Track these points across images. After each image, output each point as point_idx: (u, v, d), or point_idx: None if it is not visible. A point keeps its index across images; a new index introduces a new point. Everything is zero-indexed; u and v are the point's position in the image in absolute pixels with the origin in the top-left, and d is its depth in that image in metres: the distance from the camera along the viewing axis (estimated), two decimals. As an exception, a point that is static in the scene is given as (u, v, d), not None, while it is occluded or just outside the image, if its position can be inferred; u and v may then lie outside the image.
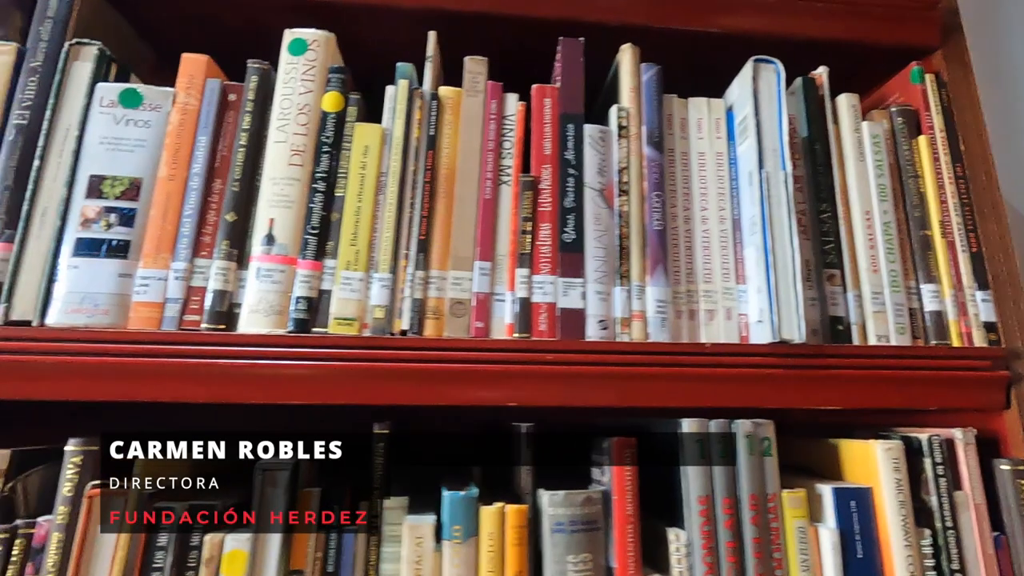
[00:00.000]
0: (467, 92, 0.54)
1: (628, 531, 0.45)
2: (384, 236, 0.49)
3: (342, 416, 0.57)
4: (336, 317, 0.47)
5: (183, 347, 0.45)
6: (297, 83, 0.51)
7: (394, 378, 0.47)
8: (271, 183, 0.49)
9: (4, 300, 0.44)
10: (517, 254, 0.50)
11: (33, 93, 0.48)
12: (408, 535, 0.43)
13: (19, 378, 0.43)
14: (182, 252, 0.47)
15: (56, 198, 0.46)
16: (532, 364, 0.48)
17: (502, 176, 0.52)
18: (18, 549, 0.41)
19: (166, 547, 0.42)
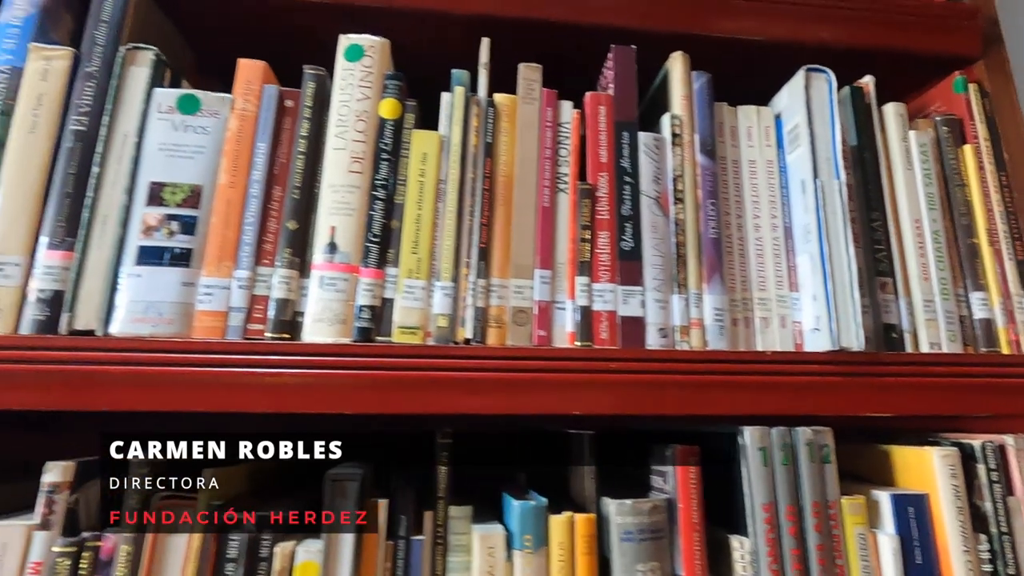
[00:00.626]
0: (523, 99, 0.53)
1: (695, 539, 0.45)
2: (445, 244, 0.49)
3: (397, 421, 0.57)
4: (400, 326, 0.47)
5: (249, 357, 0.44)
6: (354, 89, 0.51)
7: (459, 387, 0.46)
8: (331, 190, 0.48)
9: (67, 309, 0.43)
10: (577, 262, 0.50)
11: (90, 99, 0.47)
12: (480, 545, 0.43)
13: (83, 388, 0.43)
14: (244, 260, 0.46)
15: (116, 205, 0.46)
16: (595, 372, 0.48)
17: (559, 184, 0.52)
18: (86, 563, 0.41)
19: (236, 559, 0.42)
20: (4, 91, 0.46)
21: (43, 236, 0.44)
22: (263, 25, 0.59)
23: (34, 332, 0.43)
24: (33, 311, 0.43)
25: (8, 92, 0.46)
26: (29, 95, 0.46)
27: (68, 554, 0.41)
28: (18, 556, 0.40)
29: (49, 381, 0.43)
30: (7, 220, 0.44)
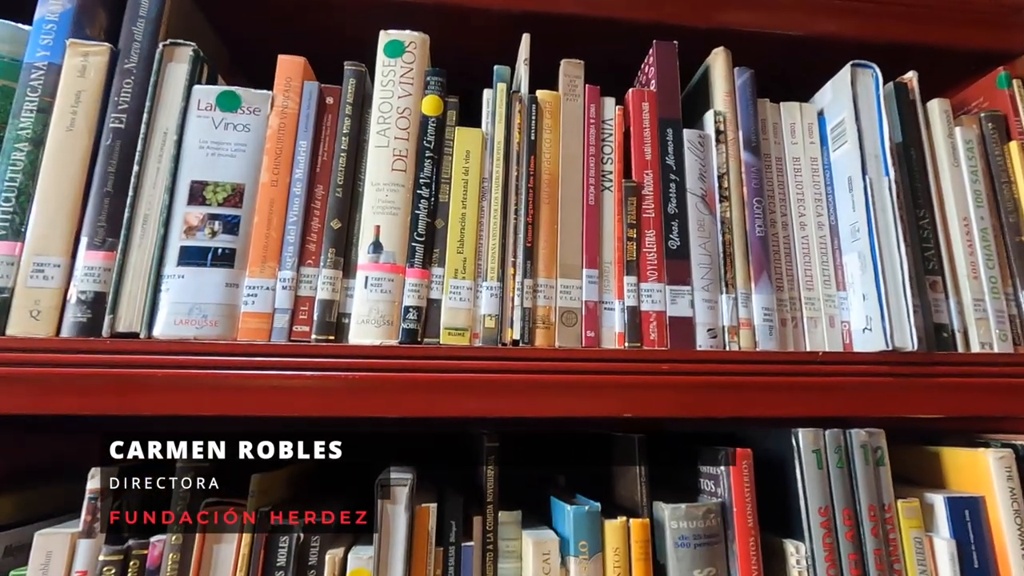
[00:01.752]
0: (565, 96, 0.52)
1: (750, 543, 0.44)
2: (491, 243, 0.48)
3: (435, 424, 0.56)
4: (447, 327, 0.46)
5: (295, 359, 0.43)
6: (395, 86, 0.50)
7: (508, 390, 0.45)
8: (375, 189, 0.47)
9: (109, 311, 0.42)
10: (624, 261, 0.49)
11: (129, 95, 0.46)
12: (535, 552, 0.42)
13: (127, 392, 0.42)
14: (288, 261, 0.45)
15: (157, 205, 0.45)
16: (646, 375, 0.47)
17: (604, 182, 0.51)
18: (132, 572, 0.40)
19: (285, 566, 0.41)
20: (41, 88, 0.45)
21: (83, 236, 0.43)
22: (297, 21, 0.57)
23: (76, 334, 0.42)
24: (74, 313, 0.42)
25: (45, 89, 0.45)
26: (67, 92, 0.45)
27: (114, 562, 0.40)
28: (63, 564, 0.39)
29: (92, 385, 0.41)
30: (46, 220, 0.43)
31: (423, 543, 0.42)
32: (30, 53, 0.46)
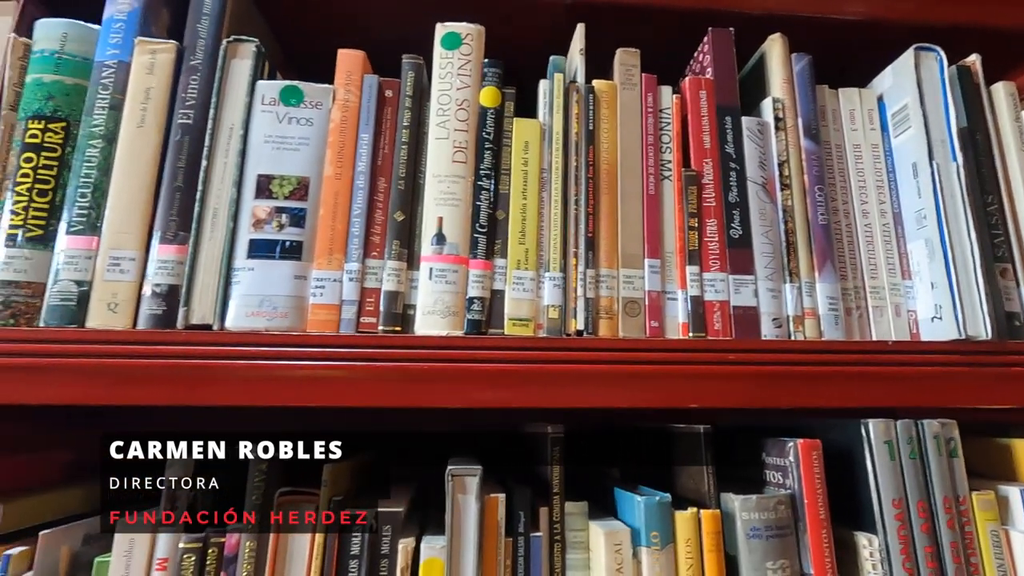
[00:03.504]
0: (622, 85, 0.52)
1: (823, 535, 0.44)
2: (552, 234, 0.48)
3: (504, 416, 0.56)
4: (511, 318, 0.46)
5: (363, 350, 0.43)
6: (454, 78, 0.50)
7: (574, 380, 0.45)
8: (436, 181, 0.48)
9: (183, 303, 0.43)
10: (685, 251, 0.49)
11: (195, 92, 0.47)
12: (606, 542, 0.42)
13: (201, 383, 0.42)
14: (354, 253, 0.46)
15: (225, 199, 0.45)
16: (711, 364, 0.46)
17: (663, 171, 0.51)
18: (211, 559, 0.40)
19: (359, 555, 0.41)
20: (112, 85, 0.46)
21: (156, 230, 0.44)
22: (349, 15, 0.58)
23: (151, 327, 0.43)
24: (150, 305, 0.43)
25: (116, 87, 0.46)
26: (137, 89, 0.46)
27: (194, 550, 0.40)
28: (145, 552, 0.40)
29: (167, 376, 0.42)
30: (121, 215, 0.44)
31: (493, 533, 0.42)
32: (100, 52, 0.47)
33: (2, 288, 0.42)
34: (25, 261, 0.42)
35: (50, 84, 0.45)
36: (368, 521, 0.41)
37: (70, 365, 0.41)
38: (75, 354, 0.41)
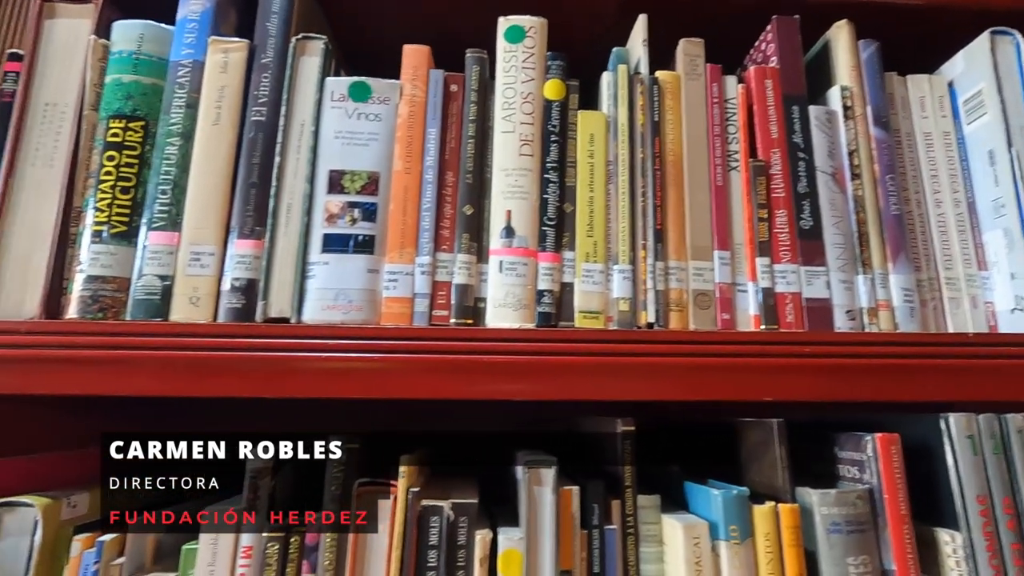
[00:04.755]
0: (686, 75, 0.52)
1: (904, 531, 0.43)
2: (620, 226, 0.48)
3: (575, 410, 0.56)
4: (581, 310, 0.46)
5: (437, 343, 0.44)
6: (518, 71, 0.50)
7: (645, 373, 0.45)
8: (503, 174, 0.48)
9: (261, 297, 0.44)
10: (755, 242, 0.48)
11: (267, 89, 0.47)
12: (684, 536, 0.41)
13: (280, 376, 0.43)
14: (424, 246, 0.46)
15: (299, 194, 0.46)
16: (784, 357, 0.46)
17: (730, 162, 0.50)
18: (294, 548, 0.41)
19: (437, 545, 0.41)
20: (188, 84, 0.47)
21: (233, 226, 0.45)
22: (407, 10, 0.58)
23: (231, 320, 0.43)
24: (229, 299, 0.44)
25: (192, 85, 0.47)
26: (211, 87, 0.47)
27: (277, 539, 0.41)
28: (230, 540, 0.41)
29: (246, 369, 0.43)
30: (199, 211, 0.45)
31: (568, 525, 0.42)
32: (175, 52, 0.48)
33: (90, 283, 0.43)
34: (111, 257, 0.44)
35: (129, 84, 0.46)
36: (445, 512, 0.42)
37: (154, 358, 0.43)
38: (159, 347, 0.43)
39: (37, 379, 0.42)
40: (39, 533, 0.40)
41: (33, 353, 0.42)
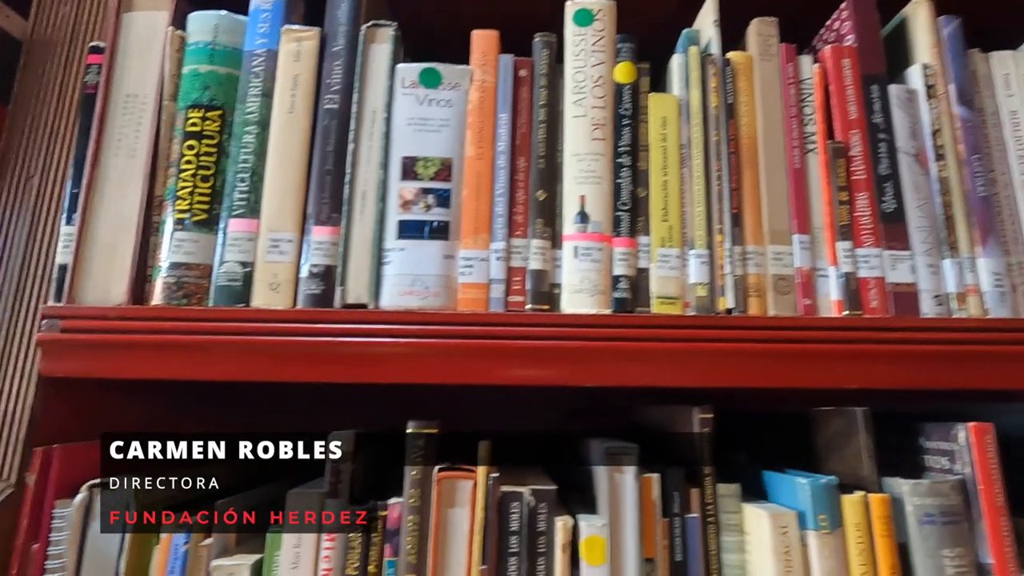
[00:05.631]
0: (760, 56, 0.50)
1: (1001, 524, 0.41)
2: (695, 211, 0.47)
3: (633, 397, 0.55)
4: (658, 296, 0.45)
5: (514, 328, 0.44)
6: (588, 55, 0.49)
7: (725, 359, 0.44)
8: (576, 159, 0.47)
9: (339, 283, 0.44)
10: (836, 226, 0.47)
11: (339, 77, 0.48)
12: (772, 525, 0.40)
13: (358, 362, 0.43)
14: (498, 232, 0.46)
15: (373, 181, 0.46)
16: (868, 344, 0.44)
17: (807, 144, 0.49)
18: (377, 531, 0.41)
19: (518, 531, 0.41)
20: (263, 73, 0.47)
21: (309, 212, 0.45)
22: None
23: (310, 306, 0.44)
24: (307, 286, 0.44)
25: (266, 74, 0.47)
26: (285, 76, 0.47)
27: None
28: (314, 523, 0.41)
29: (327, 354, 0.43)
30: (277, 198, 0.45)
31: (650, 513, 0.42)
32: (249, 41, 0.48)
33: (174, 269, 0.44)
34: (193, 244, 0.44)
35: (206, 74, 0.47)
36: (526, 498, 0.41)
37: (236, 343, 0.43)
38: (241, 332, 0.43)
39: (125, 364, 0.43)
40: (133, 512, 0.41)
41: (122, 339, 0.43)
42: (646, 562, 0.41)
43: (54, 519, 0.41)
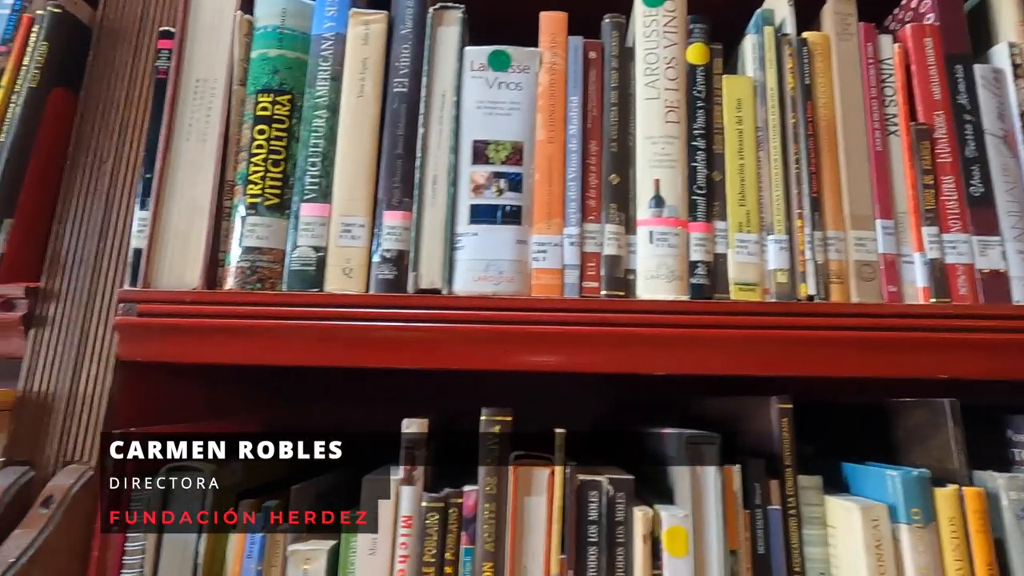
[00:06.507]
0: (837, 36, 0.49)
1: (1103, 520, 0.39)
2: (774, 195, 0.45)
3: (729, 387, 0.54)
4: (736, 282, 0.44)
5: (590, 314, 0.43)
6: (660, 36, 0.48)
7: (807, 347, 0.43)
8: (649, 142, 0.46)
9: (412, 268, 0.44)
10: (920, 211, 0.45)
11: (407, 60, 0.47)
12: (862, 518, 0.39)
13: (432, 347, 0.43)
14: (572, 217, 0.45)
15: (444, 165, 0.46)
16: (957, 332, 0.43)
17: (888, 126, 0.47)
18: (452, 519, 0.41)
19: (597, 520, 0.40)
20: (332, 57, 0.47)
21: (380, 197, 0.45)
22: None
23: (382, 291, 0.43)
24: (380, 270, 0.44)
25: (335, 58, 0.47)
26: (354, 60, 0.47)
27: (436, 509, 0.41)
28: (391, 508, 0.41)
29: (401, 339, 0.43)
30: (348, 182, 0.45)
31: (732, 504, 0.41)
32: (317, 25, 0.48)
33: (248, 254, 0.44)
34: (266, 228, 0.44)
35: (275, 59, 0.47)
36: (604, 487, 0.41)
37: (310, 328, 0.43)
38: (315, 317, 0.43)
39: (200, 348, 0.43)
40: (210, 496, 0.41)
41: (197, 323, 0.43)
42: (730, 554, 0.40)
43: (133, 502, 0.41)
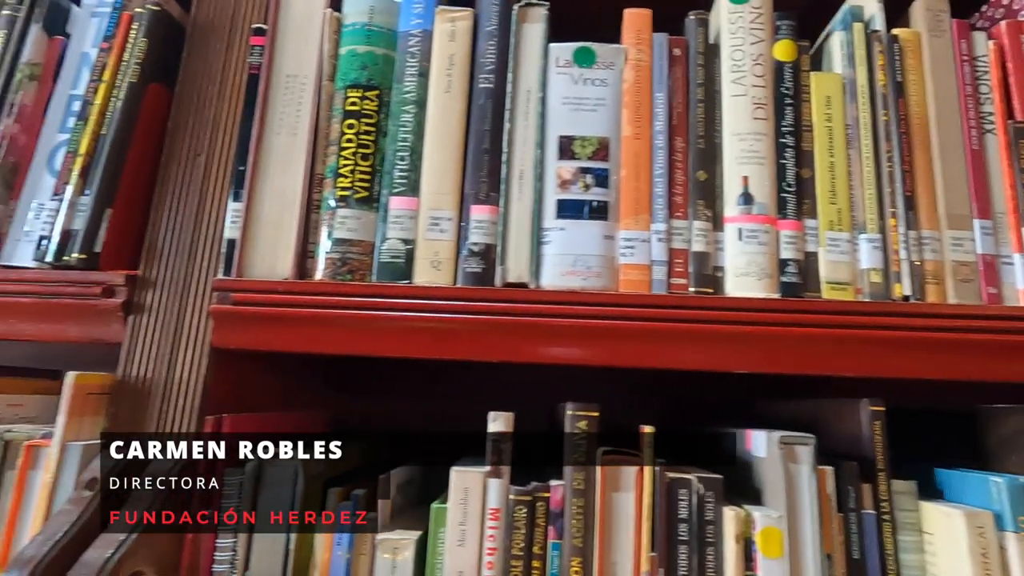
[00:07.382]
0: (929, 32, 0.48)
1: None
2: (866, 193, 0.44)
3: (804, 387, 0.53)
4: (828, 281, 0.43)
5: (679, 311, 0.42)
6: (746, 33, 0.47)
7: (901, 348, 0.42)
8: (736, 139, 0.46)
9: (499, 262, 0.44)
10: (1020, 211, 0.44)
11: (493, 56, 0.47)
12: (967, 525, 0.38)
13: (520, 341, 0.43)
14: (659, 213, 0.45)
15: (530, 160, 0.46)
16: (1063, 336, 0.41)
17: (984, 124, 0.46)
18: (540, 513, 0.41)
19: (687, 519, 0.40)
20: (419, 53, 0.48)
21: (467, 191, 0.45)
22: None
23: (470, 284, 0.44)
24: (468, 264, 0.44)
25: (423, 54, 0.48)
26: (441, 56, 0.47)
27: (523, 502, 0.41)
28: (479, 501, 0.41)
29: (488, 332, 0.43)
30: (436, 176, 0.45)
31: (826, 506, 0.40)
32: (404, 22, 0.49)
33: (339, 246, 0.44)
34: (356, 221, 0.45)
35: (363, 55, 0.48)
36: (694, 485, 0.40)
37: (399, 319, 0.43)
38: (404, 309, 0.43)
39: (292, 337, 0.44)
40: (300, 483, 0.42)
41: (289, 312, 0.43)
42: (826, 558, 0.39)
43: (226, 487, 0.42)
